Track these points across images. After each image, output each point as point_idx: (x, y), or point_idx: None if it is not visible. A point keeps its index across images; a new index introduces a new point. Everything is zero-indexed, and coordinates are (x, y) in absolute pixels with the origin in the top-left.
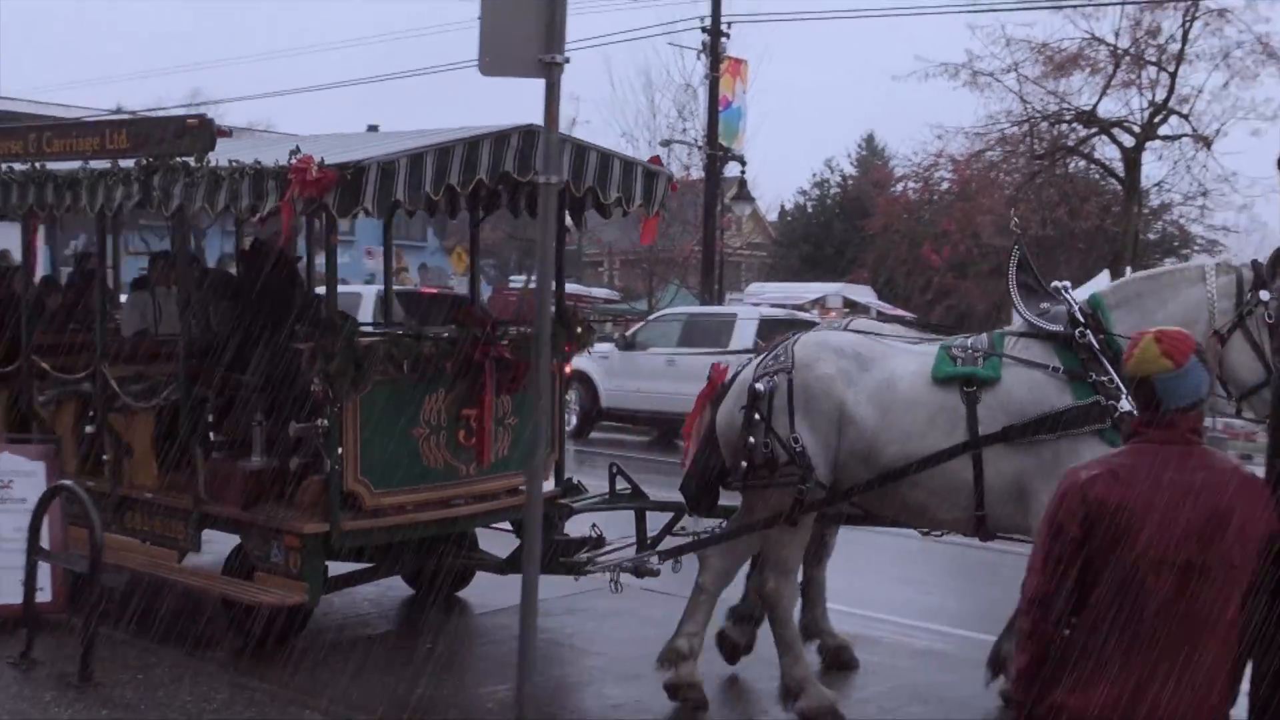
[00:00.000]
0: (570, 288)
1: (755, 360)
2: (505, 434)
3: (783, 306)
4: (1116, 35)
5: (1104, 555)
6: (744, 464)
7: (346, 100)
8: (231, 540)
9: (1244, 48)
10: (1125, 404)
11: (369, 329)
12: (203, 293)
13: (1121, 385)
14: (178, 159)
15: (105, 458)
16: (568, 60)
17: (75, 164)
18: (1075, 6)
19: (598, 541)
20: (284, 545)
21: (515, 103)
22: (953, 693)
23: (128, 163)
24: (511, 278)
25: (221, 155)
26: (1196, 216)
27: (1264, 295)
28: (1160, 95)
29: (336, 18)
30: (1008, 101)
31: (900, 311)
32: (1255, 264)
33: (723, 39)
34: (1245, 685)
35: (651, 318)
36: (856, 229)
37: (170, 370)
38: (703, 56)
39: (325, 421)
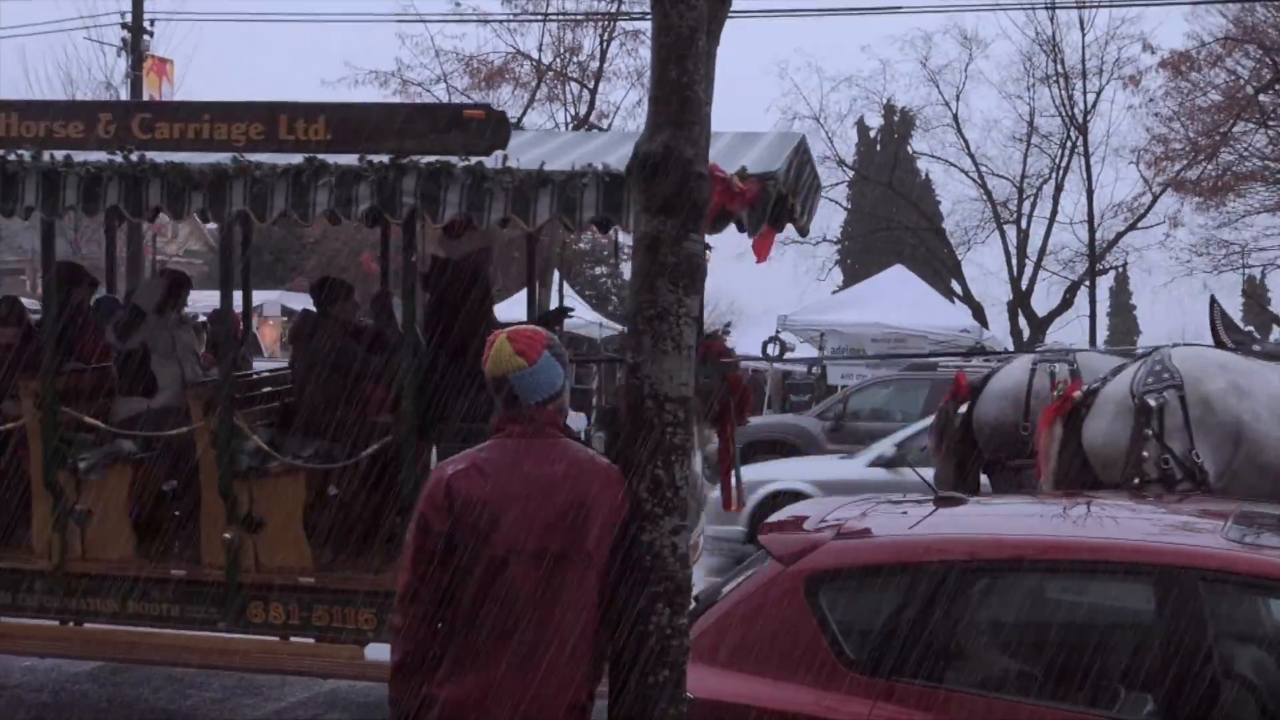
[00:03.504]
0: None
1: (1124, 376)
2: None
3: None
4: (540, 50)
5: (470, 548)
6: (1135, 479)
7: None
8: None
9: None
10: None
11: None
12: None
13: None
14: (456, 159)
15: (228, 536)
16: None
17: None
18: (501, 21)
19: None
20: None
21: None
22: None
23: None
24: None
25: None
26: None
27: None
28: (583, 110)
29: None
30: None
31: None
32: None
33: (146, 36)
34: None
35: None
36: (296, 236)
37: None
38: (124, 54)
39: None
